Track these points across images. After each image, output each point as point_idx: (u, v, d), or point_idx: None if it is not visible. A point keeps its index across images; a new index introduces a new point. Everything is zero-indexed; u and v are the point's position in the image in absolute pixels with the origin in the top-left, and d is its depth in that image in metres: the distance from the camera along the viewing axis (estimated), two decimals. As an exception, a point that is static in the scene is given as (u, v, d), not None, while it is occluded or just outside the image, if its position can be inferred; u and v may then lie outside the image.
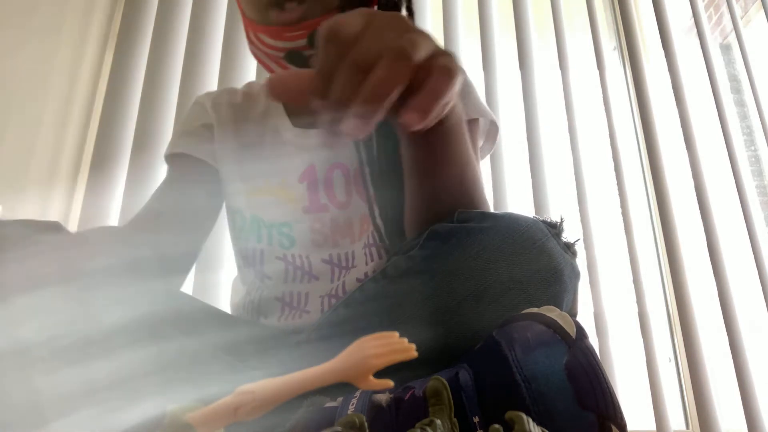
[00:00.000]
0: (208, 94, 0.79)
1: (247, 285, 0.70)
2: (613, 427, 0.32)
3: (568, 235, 0.48)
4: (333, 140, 0.66)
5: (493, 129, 0.74)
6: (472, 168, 0.52)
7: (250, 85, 0.81)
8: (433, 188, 0.51)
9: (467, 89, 0.71)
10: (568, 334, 0.36)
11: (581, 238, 1.27)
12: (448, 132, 0.48)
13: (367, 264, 0.63)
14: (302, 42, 0.63)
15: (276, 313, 0.64)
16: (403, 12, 0.72)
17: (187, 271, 0.73)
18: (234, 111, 0.74)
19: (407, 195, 0.54)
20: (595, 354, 0.35)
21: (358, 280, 0.62)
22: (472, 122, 0.69)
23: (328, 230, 0.66)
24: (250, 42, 0.68)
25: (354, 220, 0.66)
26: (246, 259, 0.70)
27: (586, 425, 0.32)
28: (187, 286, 1.15)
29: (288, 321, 0.62)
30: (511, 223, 0.45)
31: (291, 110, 0.73)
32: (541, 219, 0.47)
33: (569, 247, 0.47)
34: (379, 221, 0.63)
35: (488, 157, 0.89)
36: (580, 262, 0.49)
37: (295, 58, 0.65)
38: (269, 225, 0.67)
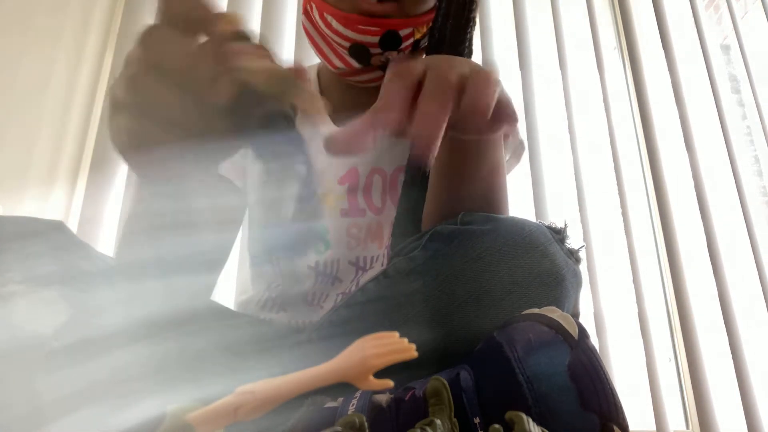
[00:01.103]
0: None
1: (266, 282, 0.69)
2: (615, 428, 0.32)
3: (572, 241, 0.48)
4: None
5: (520, 147, 0.74)
6: (501, 177, 0.52)
7: None
8: (460, 190, 0.51)
9: None
10: (571, 334, 0.35)
11: (583, 243, 1.27)
12: (487, 139, 0.48)
13: (382, 265, 0.63)
14: (374, 39, 0.60)
15: (294, 309, 0.64)
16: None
17: (220, 268, 0.72)
18: None
19: (433, 194, 0.54)
20: (598, 355, 0.35)
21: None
22: (504, 137, 0.69)
23: (363, 235, 0.65)
24: (311, 21, 0.64)
25: (385, 226, 0.65)
26: (272, 263, 0.69)
27: (589, 426, 0.32)
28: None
29: (303, 315, 0.62)
30: (513, 227, 0.45)
31: (332, 107, 0.71)
32: (545, 224, 0.47)
33: (573, 253, 0.47)
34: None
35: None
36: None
37: (359, 53, 0.61)
38: None
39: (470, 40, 0.68)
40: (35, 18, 1.25)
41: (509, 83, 1.39)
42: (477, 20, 0.70)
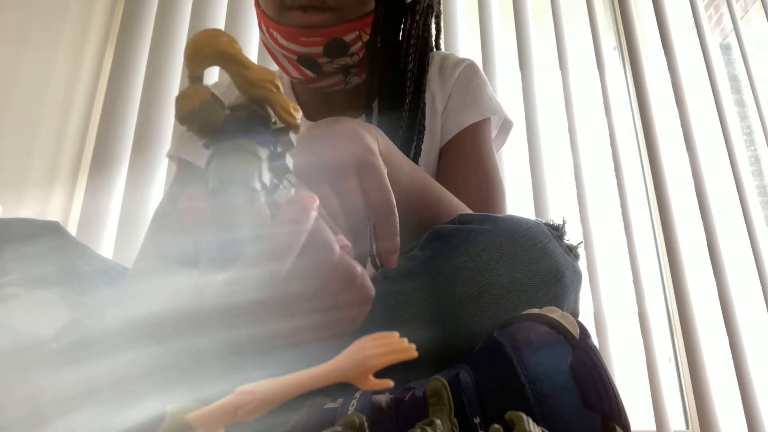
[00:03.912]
0: (216, 85, 0.78)
1: None
2: (617, 428, 0.32)
3: (570, 238, 0.48)
4: None
5: (506, 124, 0.75)
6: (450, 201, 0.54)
7: None
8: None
9: (477, 88, 0.71)
10: (572, 334, 0.35)
11: (582, 240, 1.27)
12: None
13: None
14: (318, 49, 0.61)
15: None
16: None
17: None
18: None
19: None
20: (599, 354, 0.35)
21: None
22: (484, 121, 0.70)
23: None
24: (263, 34, 0.65)
25: None
26: None
27: (591, 425, 0.32)
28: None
29: None
30: (512, 225, 0.45)
31: (300, 105, 0.72)
32: (543, 221, 0.47)
33: (571, 250, 0.47)
34: None
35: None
36: (581, 262, 0.49)
37: (308, 63, 0.63)
38: None
39: (437, 31, 0.71)
40: (35, 18, 1.25)
41: (509, 83, 1.39)
42: (433, 13, 0.72)
